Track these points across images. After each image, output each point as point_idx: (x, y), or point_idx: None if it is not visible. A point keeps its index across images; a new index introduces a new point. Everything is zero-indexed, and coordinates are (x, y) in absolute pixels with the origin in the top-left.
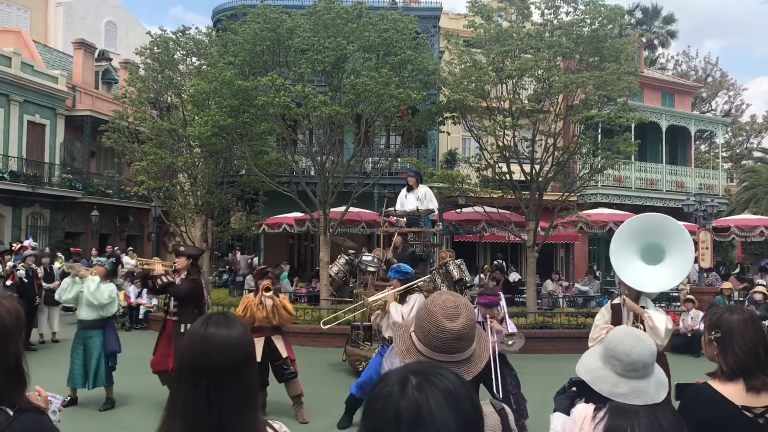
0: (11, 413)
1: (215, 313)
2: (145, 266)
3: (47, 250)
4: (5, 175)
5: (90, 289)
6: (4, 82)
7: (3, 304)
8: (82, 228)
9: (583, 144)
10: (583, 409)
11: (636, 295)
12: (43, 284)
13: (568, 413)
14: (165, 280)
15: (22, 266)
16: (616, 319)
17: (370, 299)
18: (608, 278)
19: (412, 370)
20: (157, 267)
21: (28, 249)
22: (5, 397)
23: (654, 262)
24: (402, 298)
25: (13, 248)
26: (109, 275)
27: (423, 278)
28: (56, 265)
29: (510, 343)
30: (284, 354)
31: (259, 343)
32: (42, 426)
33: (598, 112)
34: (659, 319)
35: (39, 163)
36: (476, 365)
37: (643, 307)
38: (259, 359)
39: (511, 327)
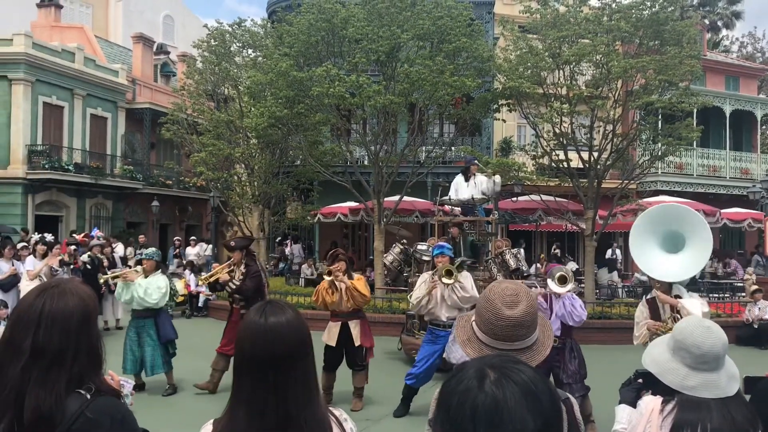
0: (88, 396)
1: (267, 302)
2: (210, 280)
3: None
4: (70, 167)
5: (139, 294)
6: (68, 77)
7: (82, 288)
8: (143, 218)
9: (643, 130)
10: (651, 402)
11: (668, 287)
12: (108, 272)
13: (634, 405)
14: (233, 286)
15: (88, 255)
16: (654, 314)
17: (445, 280)
18: None
19: (489, 364)
20: (222, 275)
21: (95, 239)
22: (88, 378)
23: (674, 250)
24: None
25: (78, 239)
26: (159, 266)
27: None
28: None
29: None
30: (357, 342)
31: (335, 328)
32: (117, 409)
33: (659, 98)
34: (693, 306)
35: (101, 155)
36: (540, 353)
37: (677, 297)
38: (333, 344)
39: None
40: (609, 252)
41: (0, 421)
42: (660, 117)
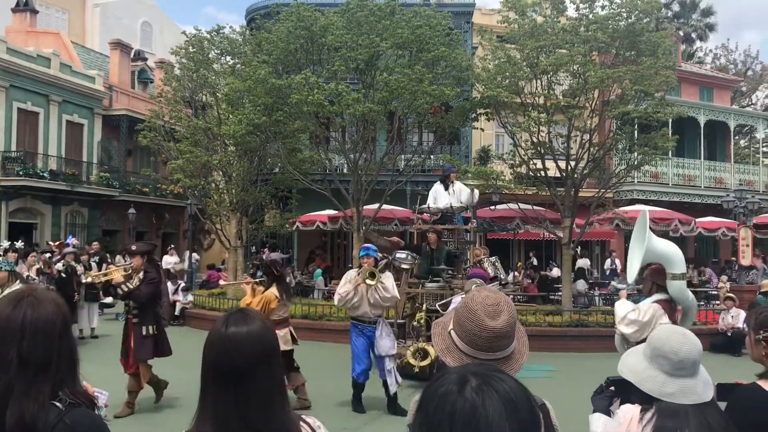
0: (62, 408)
1: (233, 312)
2: (103, 278)
3: (86, 247)
4: (45, 174)
5: None
6: (43, 83)
7: (54, 295)
8: (119, 226)
9: (620, 140)
10: (629, 410)
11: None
12: (83, 280)
13: (608, 413)
14: (125, 288)
15: (62, 263)
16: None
17: (360, 276)
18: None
19: (472, 371)
20: (116, 275)
21: (69, 247)
22: (67, 386)
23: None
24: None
25: (52, 247)
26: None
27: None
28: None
29: None
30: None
31: (287, 333)
32: (92, 421)
33: (635, 108)
34: (620, 308)
35: (77, 162)
36: (518, 362)
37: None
38: (290, 347)
39: None
40: (608, 262)
41: None
42: (636, 127)
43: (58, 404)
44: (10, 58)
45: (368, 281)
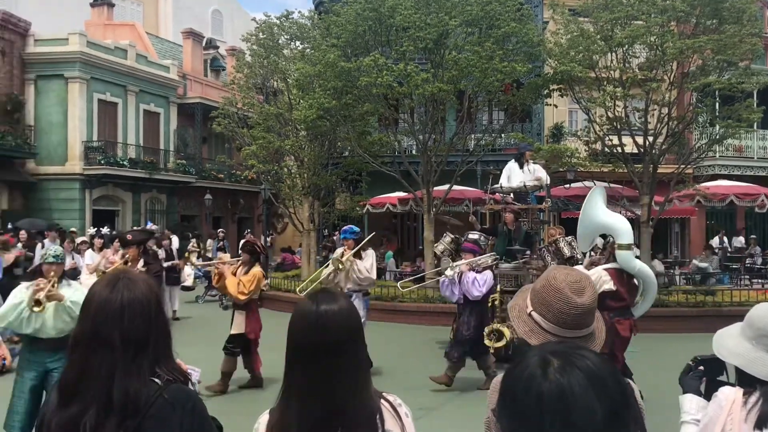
0: (160, 383)
1: (320, 291)
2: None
3: (166, 232)
4: (125, 163)
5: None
6: (121, 74)
7: (143, 276)
8: (196, 211)
9: (700, 113)
10: (731, 393)
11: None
12: (164, 264)
13: (700, 394)
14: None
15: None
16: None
17: (342, 257)
18: (728, 254)
19: (551, 351)
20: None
21: None
22: (163, 363)
23: None
24: (357, 255)
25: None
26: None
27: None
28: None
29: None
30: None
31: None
32: (188, 395)
33: (717, 78)
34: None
35: (155, 150)
36: (599, 339)
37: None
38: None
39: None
40: (716, 240)
41: (87, 409)
42: (718, 98)
43: (156, 380)
44: (90, 51)
45: (331, 266)
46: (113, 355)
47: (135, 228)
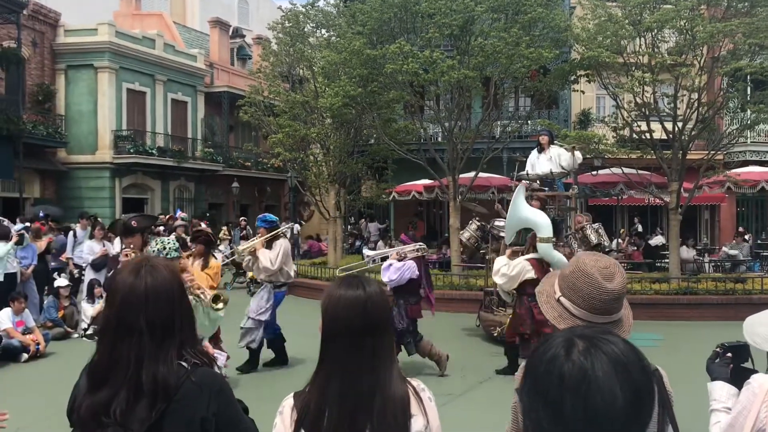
0: (188, 367)
1: (353, 276)
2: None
3: (193, 221)
4: (154, 151)
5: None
6: (150, 63)
7: (168, 263)
8: (224, 199)
9: (731, 98)
10: (765, 381)
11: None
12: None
13: (730, 381)
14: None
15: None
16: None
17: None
18: (759, 241)
19: (578, 334)
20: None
21: (178, 220)
22: (189, 346)
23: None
24: (269, 245)
25: (162, 220)
26: None
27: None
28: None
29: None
30: None
31: None
32: (215, 379)
33: (749, 63)
34: (496, 263)
35: (183, 139)
36: (626, 325)
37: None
38: None
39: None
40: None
41: (116, 394)
42: (749, 83)
43: (183, 364)
44: (118, 41)
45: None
46: (141, 341)
47: (138, 213)
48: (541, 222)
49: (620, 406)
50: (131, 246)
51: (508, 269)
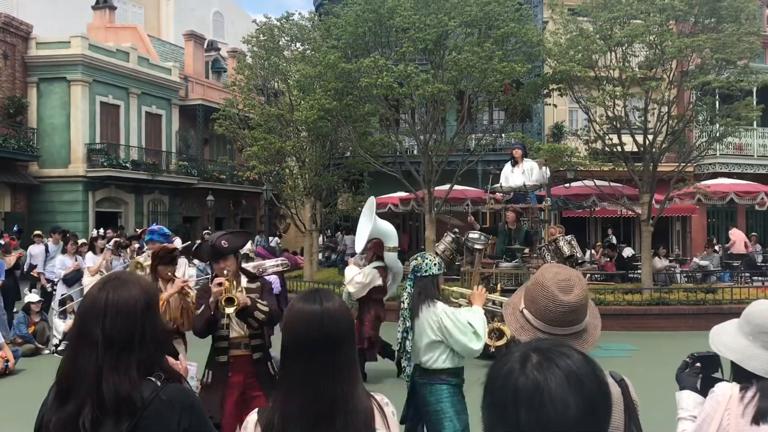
0: (159, 383)
1: (316, 290)
2: (227, 306)
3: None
4: (127, 164)
5: None
6: (123, 76)
7: (143, 279)
8: (198, 212)
9: (700, 111)
10: (728, 389)
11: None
12: None
13: (697, 391)
14: (264, 309)
15: (147, 250)
16: None
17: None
18: (729, 252)
19: (533, 348)
20: (239, 296)
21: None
22: (155, 364)
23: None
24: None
25: (138, 233)
26: None
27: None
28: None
29: None
30: None
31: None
32: (186, 395)
33: (716, 77)
34: (349, 272)
35: (157, 152)
36: (592, 336)
37: None
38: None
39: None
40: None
41: (82, 407)
42: (717, 97)
43: (153, 379)
44: (92, 54)
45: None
46: (97, 353)
47: (226, 231)
48: (390, 232)
49: (573, 415)
50: (225, 272)
51: (362, 278)
